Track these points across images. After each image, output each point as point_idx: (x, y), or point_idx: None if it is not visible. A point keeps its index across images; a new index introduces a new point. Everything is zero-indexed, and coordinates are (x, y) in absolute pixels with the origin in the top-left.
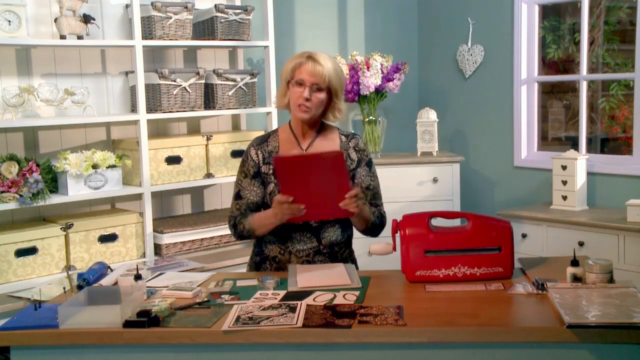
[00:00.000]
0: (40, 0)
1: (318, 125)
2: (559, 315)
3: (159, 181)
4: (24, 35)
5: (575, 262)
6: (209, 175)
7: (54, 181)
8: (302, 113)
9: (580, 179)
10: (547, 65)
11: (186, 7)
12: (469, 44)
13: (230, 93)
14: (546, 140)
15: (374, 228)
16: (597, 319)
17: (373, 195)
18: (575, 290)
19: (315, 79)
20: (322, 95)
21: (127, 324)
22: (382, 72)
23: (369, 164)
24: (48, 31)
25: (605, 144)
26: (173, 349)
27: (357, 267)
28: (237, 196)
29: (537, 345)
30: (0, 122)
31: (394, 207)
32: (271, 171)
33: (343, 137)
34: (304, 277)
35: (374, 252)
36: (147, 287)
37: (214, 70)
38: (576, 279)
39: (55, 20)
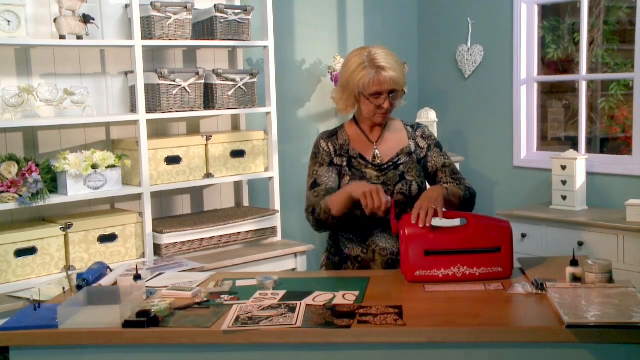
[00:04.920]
0: (40, 0)
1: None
2: (558, 315)
3: (159, 181)
4: (23, 35)
5: (574, 262)
6: (208, 175)
7: (53, 181)
8: (382, 119)
9: (580, 179)
10: (547, 65)
11: (186, 7)
12: (469, 43)
13: (229, 93)
14: (546, 140)
15: (465, 202)
16: (596, 319)
17: (451, 171)
18: (575, 290)
19: (390, 86)
20: (398, 95)
21: (127, 324)
22: None
23: (438, 145)
24: (47, 31)
25: (605, 144)
26: (172, 349)
27: None
28: (314, 185)
29: (537, 345)
30: (0, 122)
31: None
32: (344, 163)
33: (409, 127)
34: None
35: None
36: (147, 287)
37: (213, 70)
38: (575, 278)
39: (55, 20)
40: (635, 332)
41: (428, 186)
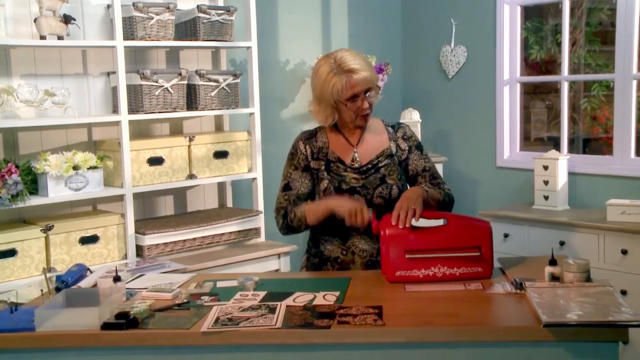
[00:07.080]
0: (19, 0)
1: None
2: (536, 314)
3: (141, 182)
4: (2, 36)
5: (553, 262)
6: (191, 176)
7: (33, 182)
8: (364, 121)
9: (562, 179)
10: (530, 66)
11: (168, 8)
12: (452, 44)
13: (212, 94)
14: (528, 141)
15: (442, 206)
16: (573, 317)
17: (431, 176)
18: (554, 290)
19: (365, 86)
20: (374, 93)
21: (105, 326)
22: None
23: (419, 147)
24: (28, 31)
25: (587, 144)
26: (151, 351)
27: None
28: (286, 187)
29: (515, 344)
30: None
31: None
32: (322, 167)
33: (390, 128)
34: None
35: None
36: (127, 288)
37: (196, 71)
38: (554, 278)
39: (35, 20)
40: (612, 330)
41: (408, 187)
